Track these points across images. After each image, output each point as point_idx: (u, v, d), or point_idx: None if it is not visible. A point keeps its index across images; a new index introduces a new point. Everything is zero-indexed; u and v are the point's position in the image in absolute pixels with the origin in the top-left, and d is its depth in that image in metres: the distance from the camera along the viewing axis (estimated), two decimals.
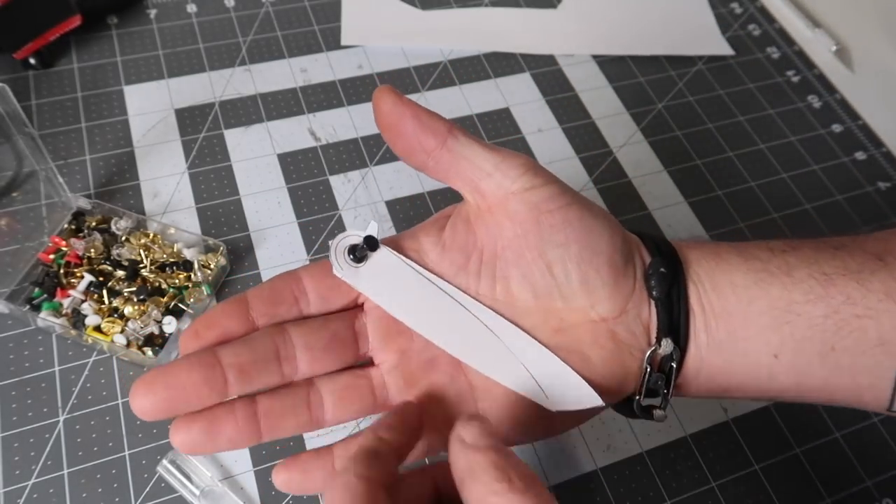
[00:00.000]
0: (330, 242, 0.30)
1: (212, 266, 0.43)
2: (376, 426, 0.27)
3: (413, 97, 0.55)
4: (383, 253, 0.30)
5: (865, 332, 0.28)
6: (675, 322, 0.30)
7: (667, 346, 0.29)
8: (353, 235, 0.30)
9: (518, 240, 0.29)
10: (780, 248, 0.31)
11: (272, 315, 0.29)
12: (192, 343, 0.28)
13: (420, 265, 0.30)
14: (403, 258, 0.30)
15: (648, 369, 0.30)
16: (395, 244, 0.31)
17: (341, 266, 0.30)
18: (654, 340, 0.30)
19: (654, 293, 0.30)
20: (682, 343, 0.30)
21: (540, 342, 0.30)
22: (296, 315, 0.30)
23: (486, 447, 0.24)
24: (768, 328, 0.29)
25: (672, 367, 0.30)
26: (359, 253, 0.30)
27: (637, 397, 0.31)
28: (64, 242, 0.43)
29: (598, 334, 0.30)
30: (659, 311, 0.30)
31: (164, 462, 0.37)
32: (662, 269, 0.30)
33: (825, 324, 0.28)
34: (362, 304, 0.31)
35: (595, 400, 0.29)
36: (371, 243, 0.29)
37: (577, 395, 0.29)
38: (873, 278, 0.28)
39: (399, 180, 0.50)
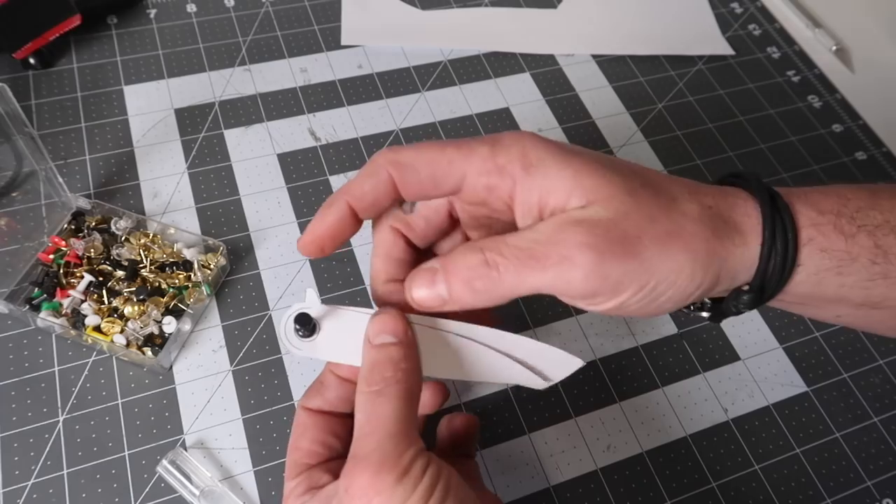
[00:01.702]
0: (276, 326, 0.30)
1: (212, 266, 0.43)
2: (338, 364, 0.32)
3: (413, 97, 0.55)
4: (334, 313, 0.30)
5: None
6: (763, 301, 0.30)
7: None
8: (295, 311, 0.30)
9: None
10: None
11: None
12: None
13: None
14: (352, 309, 0.30)
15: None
16: None
17: (298, 347, 0.30)
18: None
19: (741, 309, 0.30)
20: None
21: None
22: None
23: (375, 345, 0.28)
24: (848, 311, 0.30)
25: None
26: (303, 332, 0.30)
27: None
28: (64, 242, 0.43)
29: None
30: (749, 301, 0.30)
31: (164, 462, 0.37)
32: (747, 297, 0.29)
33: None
34: None
35: (578, 363, 0.31)
36: (305, 321, 0.29)
37: (565, 366, 0.31)
38: None
39: None
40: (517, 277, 0.26)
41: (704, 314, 0.32)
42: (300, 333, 0.30)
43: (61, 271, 0.42)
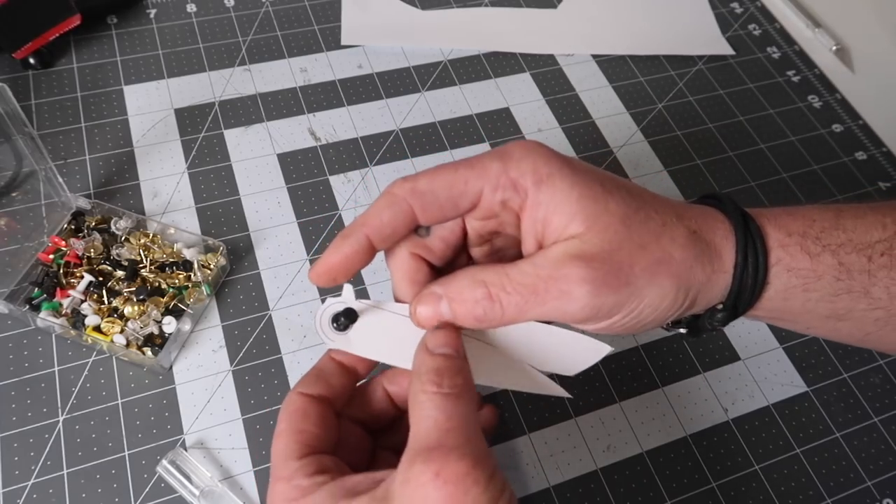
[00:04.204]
0: (313, 315, 0.31)
1: (212, 266, 0.43)
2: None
3: (413, 97, 0.55)
4: (369, 310, 0.31)
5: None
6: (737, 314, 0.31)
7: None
8: (335, 304, 0.31)
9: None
10: (881, 262, 0.30)
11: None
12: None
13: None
14: (386, 307, 0.31)
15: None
16: None
17: (331, 338, 0.31)
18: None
19: (715, 325, 0.31)
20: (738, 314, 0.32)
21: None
22: None
23: (437, 354, 0.28)
24: (817, 323, 0.32)
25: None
26: (341, 324, 0.31)
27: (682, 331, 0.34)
28: (63, 242, 0.43)
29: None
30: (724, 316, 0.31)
31: (164, 462, 0.37)
32: (721, 314, 0.31)
33: (866, 317, 0.31)
34: None
35: (604, 350, 0.30)
36: (351, 316, 0.30)
37: (592, 354, 0.31)
38: None
39: None
40: (518, 311, 0.28)
41: (682, 330, 0.33)
42: (336, 326, 0.31)
43: (61, 271, 0.42)
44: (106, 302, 0.41)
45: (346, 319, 0.30)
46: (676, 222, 0.29)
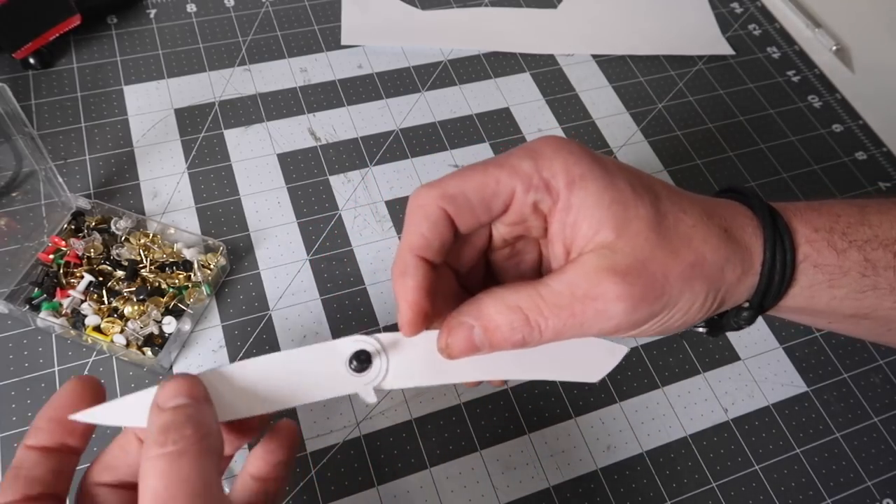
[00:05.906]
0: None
1: (212, 266, 0.43)
2: (27, 434, 0.27)
3: (413, 97, 0.55)
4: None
5: None
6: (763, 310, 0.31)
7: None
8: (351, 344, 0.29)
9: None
10: None
11: None
12: None
13: None
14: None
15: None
16: None
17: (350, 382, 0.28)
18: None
19: (741, 324, 0.31)
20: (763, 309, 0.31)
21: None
22: None
23: (167, 408, 0.24)
24: (840, 320, 0.31)
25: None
26: (361, 365, 0.28)
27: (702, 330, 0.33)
28: (63, 242, 0.43)
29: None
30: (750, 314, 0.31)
31: None
32: (747, 313, 0.30)
33: (891, 316, 0.30)
34: None
35: (622, 352, 0.30)
36: (362, 356, 0.28)
37: (607, 357, 0.30)
38: None
39: (399, 180, 0.50)
40: (556, 334, 0.27)
41: (701, 329, 0.33)
42: (354, 368, 0.28)
43: (61, 271, 0.42)
44: (106, 302, 0.41)
45: (358, 363, 0.28)
46: (707, 221, 0.28)
